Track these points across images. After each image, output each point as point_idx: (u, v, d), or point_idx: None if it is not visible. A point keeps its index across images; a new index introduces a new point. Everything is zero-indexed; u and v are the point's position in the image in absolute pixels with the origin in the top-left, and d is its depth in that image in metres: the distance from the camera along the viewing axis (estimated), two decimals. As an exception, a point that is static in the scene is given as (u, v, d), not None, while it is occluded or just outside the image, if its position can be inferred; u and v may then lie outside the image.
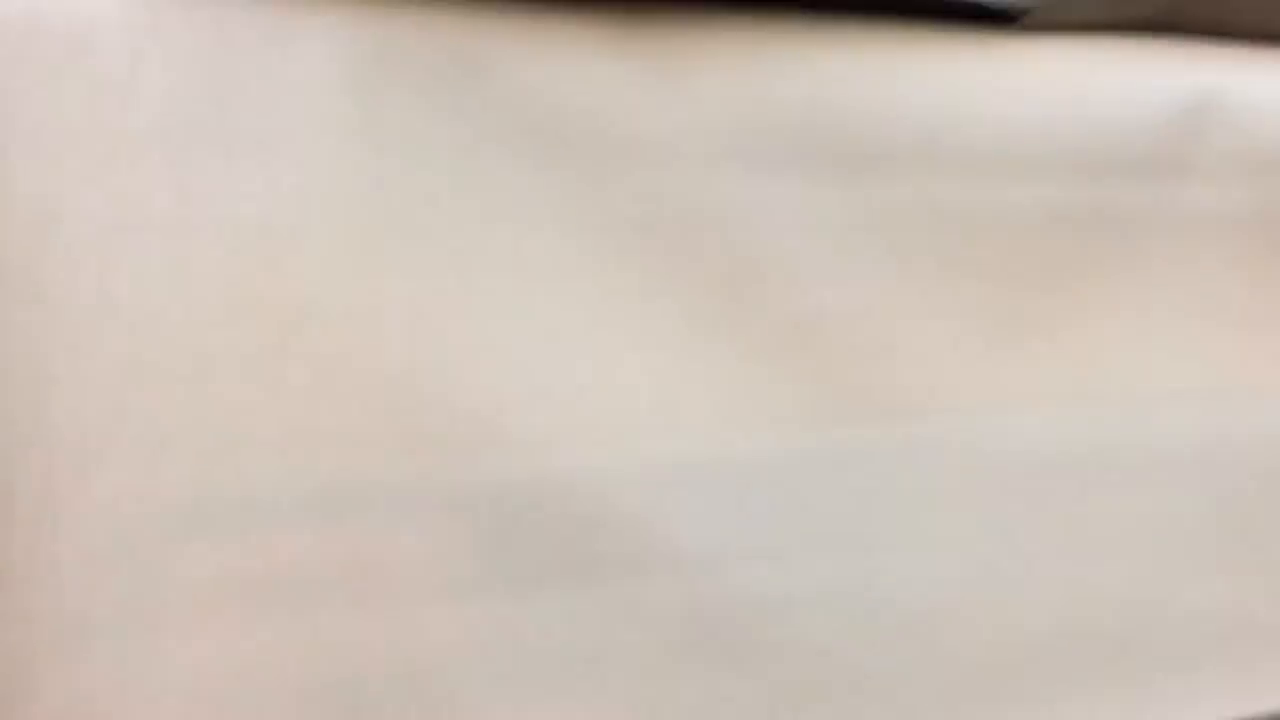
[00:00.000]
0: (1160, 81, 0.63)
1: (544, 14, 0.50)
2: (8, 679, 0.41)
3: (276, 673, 0.44)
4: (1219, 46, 0.67)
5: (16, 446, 0.42)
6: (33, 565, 0.42)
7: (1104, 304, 0.60)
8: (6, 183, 0.42)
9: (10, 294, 0.42)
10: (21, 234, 0.42)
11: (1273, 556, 0.62)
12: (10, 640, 0.41)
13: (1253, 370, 0.63)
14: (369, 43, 0.47)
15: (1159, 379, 0.61)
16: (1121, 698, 0.58)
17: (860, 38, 0.56)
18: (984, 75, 0.58)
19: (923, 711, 0.55)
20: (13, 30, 0.42)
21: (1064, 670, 0.59)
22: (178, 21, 0.44)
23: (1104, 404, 0.59)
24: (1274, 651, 0.61)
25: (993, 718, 0.56)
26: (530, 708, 0.49)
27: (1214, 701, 0.60)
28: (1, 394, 0.42)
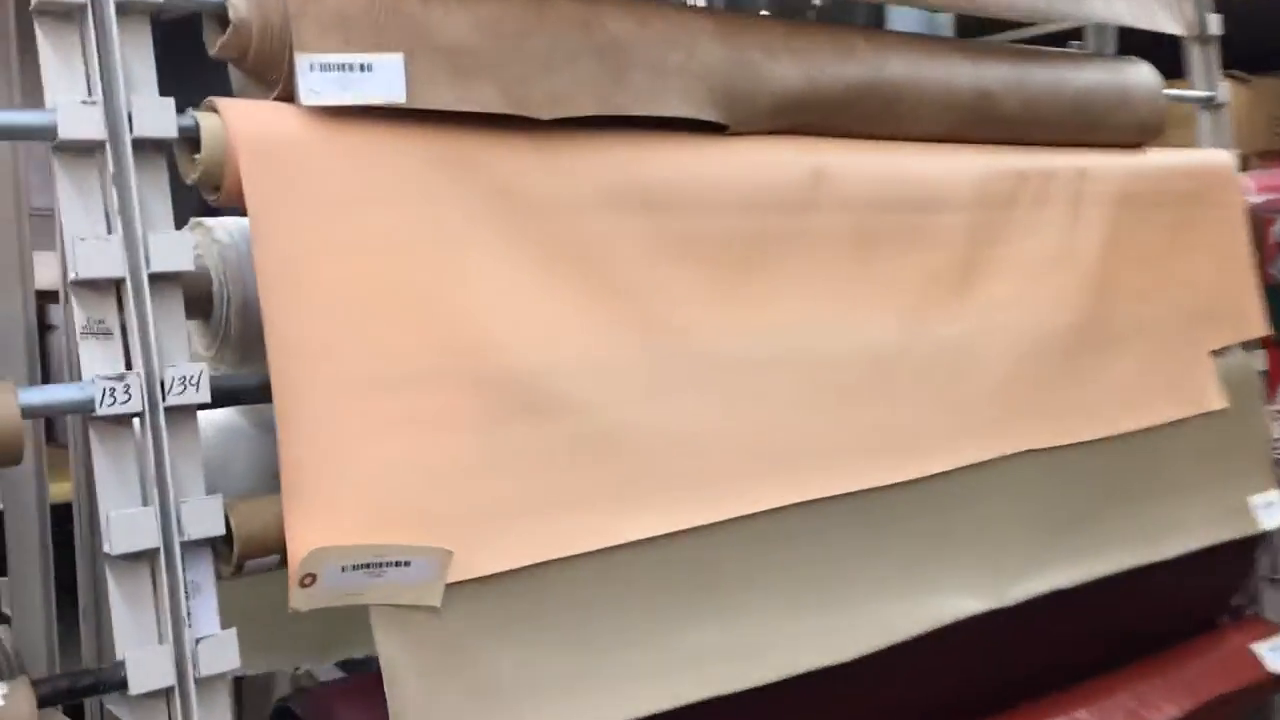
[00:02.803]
0: (797, 158, 1.15)
1: (502, 134, 0.97)
2: (310, 459, 0.85)
3: (407, 456, 0.89)
4: (827, 140, 1.21)
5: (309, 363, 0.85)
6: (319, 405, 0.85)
7: (776, 278, 1.11)
8: (274, 233, 0.85)
9: (281, 291, 0.85)
10: (282, 256, 0.85)
11: (830, 399, 1.16)
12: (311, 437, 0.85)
13: (845, 313, 1.17)
14: (424, 149, 0.92)
15: (800, 317, 1.13)
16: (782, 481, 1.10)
17: (656, 139, 1.06)
18: (714, 157, 1.09)
19: (691, 473, 1.04)
20: (257, 147, 0.85)
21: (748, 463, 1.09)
22: (337, 138, 0.89)
23: (776, 329, 1.11)
24: (821, 460, 1.14)
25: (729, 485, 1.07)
26: (505, 478, 0.95)
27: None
28: (297, 343, 0.85)
